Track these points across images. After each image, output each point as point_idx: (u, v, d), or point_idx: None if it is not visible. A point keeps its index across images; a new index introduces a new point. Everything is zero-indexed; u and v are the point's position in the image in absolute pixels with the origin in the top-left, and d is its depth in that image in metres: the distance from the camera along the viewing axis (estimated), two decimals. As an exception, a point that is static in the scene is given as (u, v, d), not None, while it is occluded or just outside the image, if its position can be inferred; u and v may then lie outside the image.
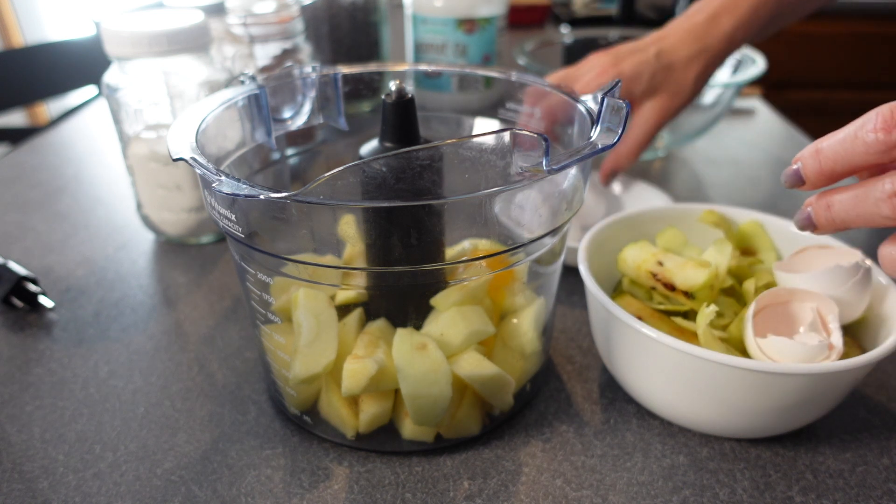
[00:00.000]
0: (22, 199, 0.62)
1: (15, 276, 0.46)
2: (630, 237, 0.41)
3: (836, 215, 0.28)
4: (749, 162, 0.71)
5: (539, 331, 0.36)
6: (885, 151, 0.25)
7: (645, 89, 0.51)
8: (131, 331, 0.44)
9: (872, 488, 0.33)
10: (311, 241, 0.29)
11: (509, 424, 0.37)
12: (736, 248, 0.40)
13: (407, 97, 0.33)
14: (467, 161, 0.29)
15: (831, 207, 0.28)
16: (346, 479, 0.33)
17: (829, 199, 0.28)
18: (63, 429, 0.36)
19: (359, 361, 0.31)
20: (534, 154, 0.27)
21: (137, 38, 0.46)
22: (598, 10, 1.33)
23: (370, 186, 0.27)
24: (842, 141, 0.26)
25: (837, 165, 0.27)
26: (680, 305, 0.37)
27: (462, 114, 0.43)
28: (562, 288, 0.48)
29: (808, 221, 0.29)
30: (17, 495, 0.32)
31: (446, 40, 0.75)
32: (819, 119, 1.66)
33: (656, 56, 0.51)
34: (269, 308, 0.33)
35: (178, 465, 0.34)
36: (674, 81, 0.51)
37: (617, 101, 0.30)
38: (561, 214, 0.31)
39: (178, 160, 0.28)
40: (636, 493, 0.33)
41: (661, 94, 0.51)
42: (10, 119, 1.56)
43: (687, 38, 0.51)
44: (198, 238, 0.55)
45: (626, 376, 0.36)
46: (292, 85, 0.39)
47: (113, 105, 0.50)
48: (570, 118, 0.36)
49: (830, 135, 0.27)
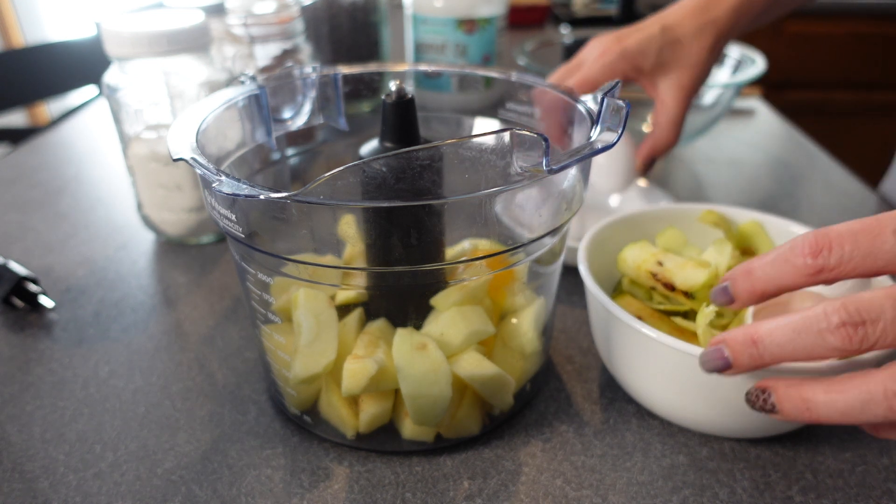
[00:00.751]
0: (22, 199, 0.62)
1: (15, 276, 0.46)
2: (630, 237, 0.42)
3: (765, 351, 0.26)
4: (749, 162, 0.71)
5: (539, 331, 0.36)
6: (814, 275, 0.26)
7: (654, 65, 0.49)
8: (131, 331, 0.44)
9: (872, 488, 0.33)
10: (311, 241, 0.29)
11: (509, 424, 0.37)
12: (736, 247, 0.40)
13: (407, 97, 0.33)
14: (467, 161, 0.29)
15: (760, 342, 0.26)
16: (346, 478, 0.33)
17: (755, 334, 0.26)
18: (63, 429, 0.36)
19: (359, 361, 0.31)
20: (534, 154, 0.27)
21: (137, 39, 0.46)
22: (598, 10, 1.33)
23: (370, 186, 0.27)
24: (773, 263, 0.27)
25: (769, 287, 0.27)
26: (680, 305, 0.37)
27: (462, 114, 0.43)
28: (562, 288, 0.48)
29: (723, 361, 0.27)
30: (18, 495, 0.32)
31: (446, 40, 0.75)
32: (819, 119, 1.66)
33: (661, 31, 0.49)
34: (269, 308, 0.33)
35: (179, 464, 0.34)
36: (684, 55, 0.49)
37: (617, 100, 0.30)
38: (561, 214, 0.31)
39: (179, 160, 0.28)
40: (636, 492, 0.33)
41: (674, 69, 0.49)
42: (11, 119, 1.56)
43: (692, 12, 0.50)
44: (198, 238, 0.55)
45: (626, 376, 0.36)
46: (292, 85, 0.39)
47: (113, 105, 0.50)
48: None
49: (761, 256, 0.28)
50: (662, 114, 0.50)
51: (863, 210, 0.61)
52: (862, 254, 0.25)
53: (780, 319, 0.26)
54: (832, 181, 0.67)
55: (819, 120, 1.65)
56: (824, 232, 0.25)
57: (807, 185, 0.67)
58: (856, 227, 0.25)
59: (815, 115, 1.66)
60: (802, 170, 0.70)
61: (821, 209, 0.61)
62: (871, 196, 0.64)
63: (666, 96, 0.50)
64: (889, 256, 0.24)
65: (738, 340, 0.27)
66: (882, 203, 0.62)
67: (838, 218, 0.59)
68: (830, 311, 0.25)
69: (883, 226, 0.25)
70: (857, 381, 0.25)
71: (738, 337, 0.27)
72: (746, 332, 0.27)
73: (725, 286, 0.29)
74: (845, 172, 0.69)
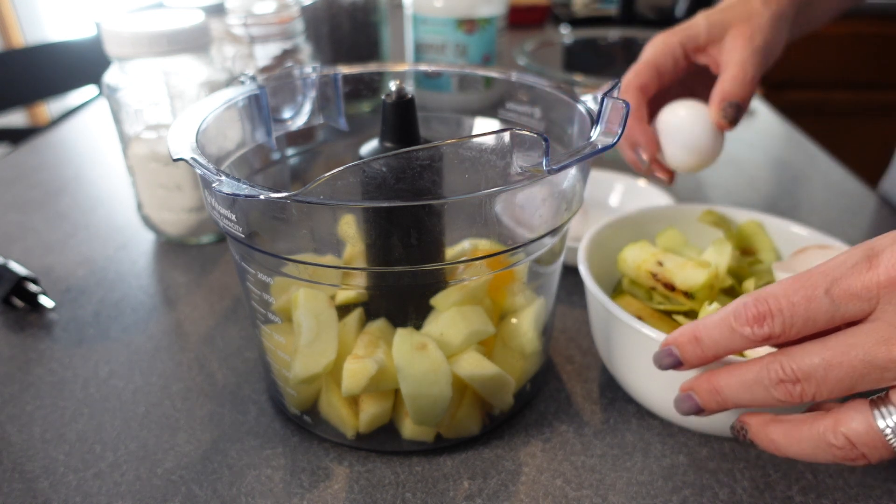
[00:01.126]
0: (22, 199, 0.62)
1: (15, 276, 0.46)
2: (630, 237, 0.42)
3: (727, 399, 0.29)
4: (749, 162, 0.71)
5: (539, 331, 0.36)
6: (762, 341, 0.27)
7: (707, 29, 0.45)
8: (131, 331, 0.44)
9: (872, 488, 0.33)
10: (311, 241, 0.29)
11: (509, 424, 0.37)
12: (735, 247, 0.40)
13: (407, 97, 0.33)
14: (467, 161, 0.29)
15: (721, 392, 0.29)
16: (346, 478, 0.33)
17: (716, 385, 0.29)
18: (63, 429, 0.36)
19: (359, 361, 0.31)
20: (534, 154, 0.27)
21: (138, 39, 0.46)
22: (598, 10, 1.33)
23: (370, 186, 0.27)
24: (719, 331, 0.28)
25: (719, 352, 0.28)
26: (680, 305, 0.37)
27: (462, 114, 0.43)
28: (562, 288, 0.48)
29: (694, 407, 0.30)
30: (18, 495, 0.32)
31: (446, 40, 0.75)
32: (819, 119, 1.66)
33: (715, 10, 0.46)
34: (269, 308, 0.33)
35: (179, 464, 0.34)
36: (739, 12, 0.45)
37: (617, 100, 0.30)
38: (561, 214, 0.31)
39: (179, 160, 0.28)
40: (636, 492, 0.33)
41: (734, 21, 0.45)
42: (11, 119, 1.56)
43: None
44: (198, 238, 0.55)
45: (625, 376, 0.36)
46: (292, 85, 0.39)
47: (113, 105, 0.50)
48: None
49: (705, 322, 0.28)
50: (726, 59, 0.44)
51: (863, 210, 0.61)
52: (802, 320, 0.26)
53: (735, 372, 0.28)
54: (832, 181, 0.67)
55: (819, 120, 1.65)
56: (763, 298, 0.27)
57: (807, 185, 0.67)
58: (791, 290, 0.26)
59: (815, 115, 1.66)
60: (802, 170, 0.70)
61: (821, 209, 0.61)
62: (870, 196, 0.64)
63: (731, 44, 0.44)
64: (827, 317, 0.26)
65: (703, 388, 0.29)
66: (881, 202, 0.62)
67: (838, 217, 0.59)
68: (770, 369, 0.27)
69: (816, 286, 0.26)
70: (806, 428, 0.27)
71: (703, 385, 0.29)
72: (710, 382, 0.29)
73: (671, 350, 0.30)
74: (845, 172, 0.69)
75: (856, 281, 0.25)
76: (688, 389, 0.30)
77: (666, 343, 0.30)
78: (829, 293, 0.25)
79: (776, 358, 0.27)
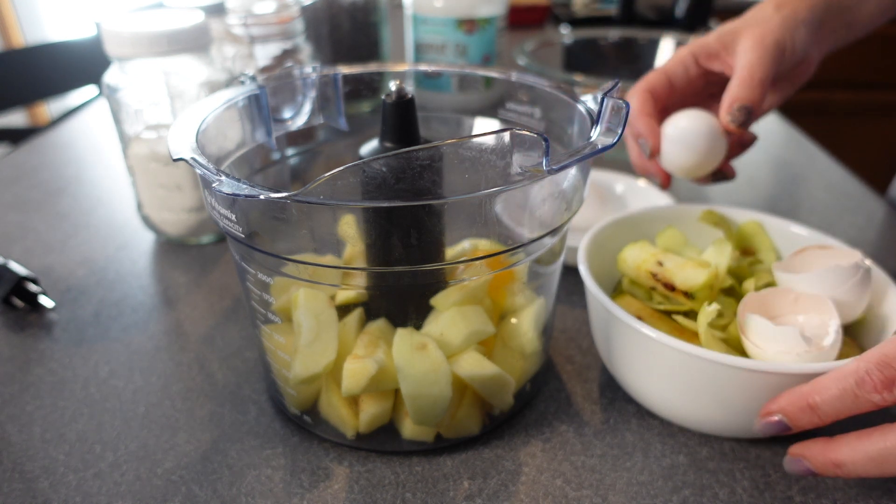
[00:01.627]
0: (22, 199, 0.62)
1: (15, 276, 0.46)
2: (630, 237, 0.42)
3: (849, 472, 0.28)
4: (749, 162, 0.71)
5: (539, 331, 0.36)
6: (887, 405, 0.27)
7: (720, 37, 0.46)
8: (131, 331, 0.44)
9: (872, 488, 0.33)
10: (311, 241, 0.29)
11: (509, 424, 0.37)
12: (735, 247, 0.40)
13: (407, 97, 0.33)
14: (467, 161, 0.29)
15: (843, 466, 0.28)
16: (346, 478, 0.33)
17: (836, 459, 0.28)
18: (63, 429, 0.36)
19: (359, 361, 0.31)
20: (534, 154, 0.27)
21: (137, 39, 0.46)
22: (598, 10, 1.33)
23: (370, 186, 0.27)
24: (841, 399, 0.27)
25: (839, 417, 0.28)
26: (680, 306, 0.37)
27: (462, 114, 0.43)
28: (562, 288, 0.48)
29: (807, 472, 0.30)
30: (18, 495, 0.32)
31: (446, 40, 0.75)
32: (819, 119, 1.66)
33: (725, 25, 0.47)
34: (269, 308, 0.33)
35: (179, 464, 0.34)
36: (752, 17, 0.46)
37: (617, 100, 0.30)
38: (561, 214, 0.31)
39: (179, 160, 0.28)
40: (636, 492, 0.33)
41: (746, 28, 0.45)
42: (11, 119, 1.56)
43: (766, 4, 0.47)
44: (198, 238, 0.55)
45: (625, 376, 0.36)
46: (292, 85, 0.39)
47: (113, 105, 0.50)
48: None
49: (818, 391, 0.28)
50: (737, 64, 0.44)
51: (862, 210, 0.61)
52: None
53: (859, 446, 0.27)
54: (832, 181, 0.67)
55: (819, 120, 1.65)
56: (887, 362, 0.26)
57: (807, 185, 0.67)
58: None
59: (815, 115, 1.66)
60: (802, 170, 0.70)
61: (821, 209, 0.61)
62: (870, 195, 0.64)
63: (742, 48, 0.45)
64: None
65: (819, 461, 0.29)
66: (890, 209, 0.62)
67: (838, 218, 0.59)
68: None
69: None
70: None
71: (819, 457, 0.29)
72: (827, 455, 0.29)
73: (782, 421, 0.29)
74: (845, 173, 0.69)
75: None
76: (779, 411, 0.30)
77: (770, 411, 0.30)
78: None
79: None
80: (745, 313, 0.34)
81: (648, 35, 0.81)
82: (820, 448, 0.29)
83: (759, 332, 0.32)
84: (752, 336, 0.33)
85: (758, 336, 0.32)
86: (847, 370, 0.27)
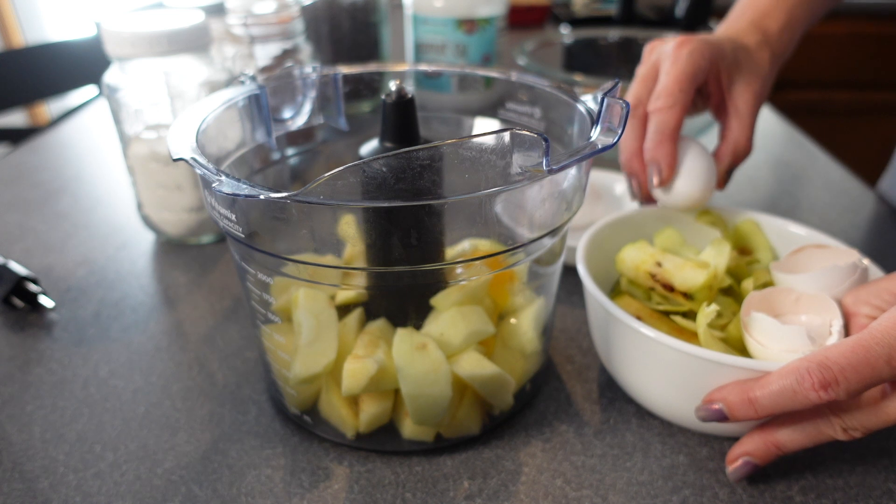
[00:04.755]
0: (22, 199, 0.62)
1: (15, 276, 0.46)
2: (628, 237, 0.42)
3: (788, 451, 0.32)
4: (749, 162, 0.71)
5: (539, 331, 0.36)
6: (825, 402, 0.28)
7: (730, 63, 0.45)
8: (131, 331, 0.44)
9: (872, 488, 0.33)
10: (311, 241, 0.29)
11: (509, 424, 0.37)
12: (733, 247, 0.40)
13: (407, 97, 0.33)
14: (467, 161, 0.29)
15: (783, 447, 0.31)
16: (346, 478, 0.33)
17: (777, 441, 0.31)
18: (63, 428, 0.36)
19: (359, 361, 0.31)
20: (534, 154, 0.27)
21: (137, 38, 0.46)
22: (598, 10, 1.33)
23: (370, 186, 0.27)
24: (781, 395, 0.29)
25: (775, 412, 0.30)
26: (679, 306, 0.37)
27: (462, 114, 0.43)
28: (562, 288, 0.48)
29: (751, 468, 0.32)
30: (18, 495, 0.32)
31: (446, 40, 0.75)
32: (819, 119, 1.66)
33: (729, 38, 0.46)
34: (269, 308, 0.33)
35: (179, 464, 0.34)
36: (753, 63, 0.46)
37: (617, 100, 0.30)
38: (561, 214, 0.31)
39: (179, 160, 0.28)
40: (636, 492, 0.33)
41: (746, 73, 0.45)
42: (11, 119, 1.56)
43: (748, 28, 0.48)
44: (198, 238, 0.55)
45: (625, 376, 0.36)
46: (292, 85, 0.39)
47: (113, 105, 0.50)
48: None
49: (760, 387, 0.30)
50: (737, 120, 0.45)
51: (862, 210, 0.61)
52: (864, 385, 0.28)
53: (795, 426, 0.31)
54: (832, 181, 0.67)
55: (819, 120, 1.65)
56: (826, 364, 0.28)
57: (807, 185, 0.67)
58: (855, 357, 0.28)
59: (815, 115, 1.66)
60: (802, 170, 0.70)
61: (820, 209, 0.61)
62: (870, 195, 0.64)
63: (740, 101, 0.45)
64: (887, 381, 0.28)
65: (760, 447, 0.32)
66: (879, 201, 0.62)
67: (838, 218, 0.59)
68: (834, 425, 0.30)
69: (878, 357, 0.27)
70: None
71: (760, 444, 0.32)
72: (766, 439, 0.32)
73: (720, 409, 0.31)
74: (845, 172, 0.69)
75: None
76: (743, 454, 0.32)
77: (712, 399, 0.31)
78: (891, 363, 0.27)
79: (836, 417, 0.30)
80: (750, 311, 0.34)
81: (648, 35, 0.81)
82: (758, 438, 0.32)
83: (765, 330, 0.32)
84: (757, 334, 0.33)
85: (763, 334, 0.32)
86: (790, 368, 0.29)
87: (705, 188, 0.41)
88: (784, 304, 0.35)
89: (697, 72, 0.42)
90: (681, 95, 0.41)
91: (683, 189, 0.41)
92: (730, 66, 0.44)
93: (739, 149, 0.44)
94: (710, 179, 0.41)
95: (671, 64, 0.43)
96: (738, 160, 0.45)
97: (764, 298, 0.35)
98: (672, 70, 0.42)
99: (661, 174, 0.41)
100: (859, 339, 0.28)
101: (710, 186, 0.42)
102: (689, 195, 0.41)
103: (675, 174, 0.41)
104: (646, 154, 0.42)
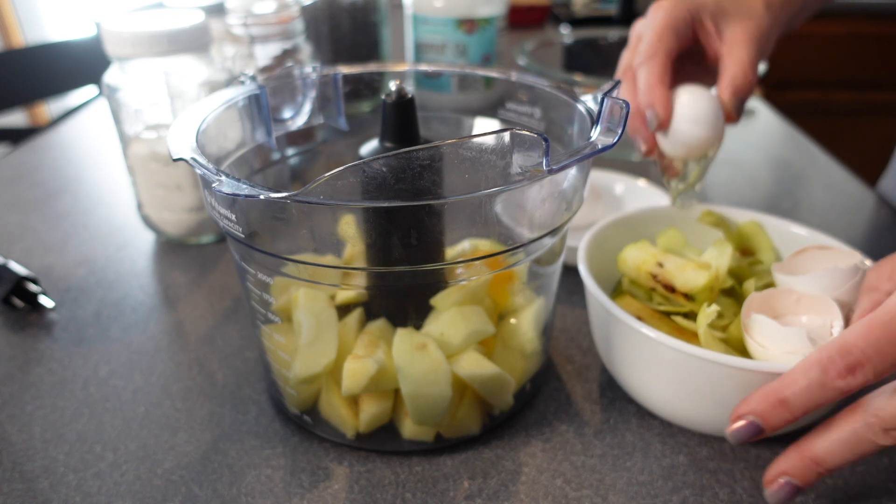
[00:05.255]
0: (22, 199, 0.62)
1: (15, 276, 0.46)
2: (630, 237, 0.41)
3: (830, 467, 0.28)
4: (749, 162, 0.71)
5: (539, 331, 0.36)
6: (855, 390, 0.27)
7: (714, 11, 0.44)
8: (131, 331, 0.44)
9: (872, 488, 0.33)
10: (311, 241, 0.29)
11: (509, 424, 0.37)
12: (735, 248, 0.40)
13: (407, 97, 0.33)
14: (467, 161, 0.29)
15: (823, 463, 0.28)
16: (346, 478, 0.33)
17: (815, 456, 0.28)
18: (63, 429, 0.36)
19: (359, 361, 0.31)
20: (534, 154, 0.27)
21: (137, 38, 0.46)
22: (598, 10, 1.33)
23: (370, 186, 0.27)
24: (809, 390, 0.27)
25: (809, 409, 0.28)
26: (680, 307, 0.37)
27: (462, 114, 0.43)
28: (562, 288, 0.48)
29: (794, 491, 0.29)
30: (18, 495, 0.32)
31: (446, 40, 0.75)
32: (819, 119, 1.66)
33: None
34: (269, 308, 0.33)
35: (179, 464, 0.34)
36: (742, 5, 0.45)
37: (617, 100, 0.30)
38: (561, 214, 0.31)
39: (179, 160, 0.28)
40: (636, 492, 0.33)
41: (737, 18, 0.44)
42: (11, 119, 1.56)
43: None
44: (198, 238, 0.55)
45: (625, 376, 0.36)
46: (292, 85, 0.39)
47: (113, 105, 0.50)
48: None
49: (786, 385, 0.28)
50: (730, 56, 0.43)
51: (862, 210, 0.61)
52: (890, 362, 0.26)
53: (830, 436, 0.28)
54: (832, 181, 0.67)
55: (819, 120, 1.65)
56: (847, 349, 0.26)
57: (807, 185, 0.67)
58: (874, 336, 0.26)
59: (815, 115, 1.66)
60: (802, 170, 0.70)
61: (821, 209, 0.61)
62: (870, 196, 0.64)
63: (731, 39, 0.44)
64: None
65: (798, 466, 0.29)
66: (879, 201, 0.62)
67: (838, 218, 0.59)
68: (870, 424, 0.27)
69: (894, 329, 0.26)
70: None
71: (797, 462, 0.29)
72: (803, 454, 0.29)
73: (754, 422, 0.29)
74: (845, 172, 0.69)
75: None
76: (781, 474, 0.29)
77: (739, 414, 0.29)
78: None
79: (867, 411, 0.27)
80: (750, 313, 0.34)
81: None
82: (794, 454, 0.29)
83: (765, 331, 0.32)
84: (757, 336, 0.33)
85: (763, 336, 0.32)
86: (810, 361, 0.27)
87: (710, 128, 0.40)
88: (785, 306, 0.35)
89: (674, 22, 0.42)
90: (660, 44, 0.41)
91: (686, 129, 0.40)
92: (714, 14, 0.44)
93: (738, 82, 0.42)
94: (715, 119, 0.40)
95: (649, 22, 0.43)
96: (741, 93, 0.43)
97: (765, 300, 0.35)
98: (650, 25, 0.43)
99: (658, 115, 0.40)
100: (873, 319, 0.26)
101: (717, 126, 0.40)
102: (695, 135, 0.40)
103: (675, 118, 0.41)
104: (640, 104, 0.41)
